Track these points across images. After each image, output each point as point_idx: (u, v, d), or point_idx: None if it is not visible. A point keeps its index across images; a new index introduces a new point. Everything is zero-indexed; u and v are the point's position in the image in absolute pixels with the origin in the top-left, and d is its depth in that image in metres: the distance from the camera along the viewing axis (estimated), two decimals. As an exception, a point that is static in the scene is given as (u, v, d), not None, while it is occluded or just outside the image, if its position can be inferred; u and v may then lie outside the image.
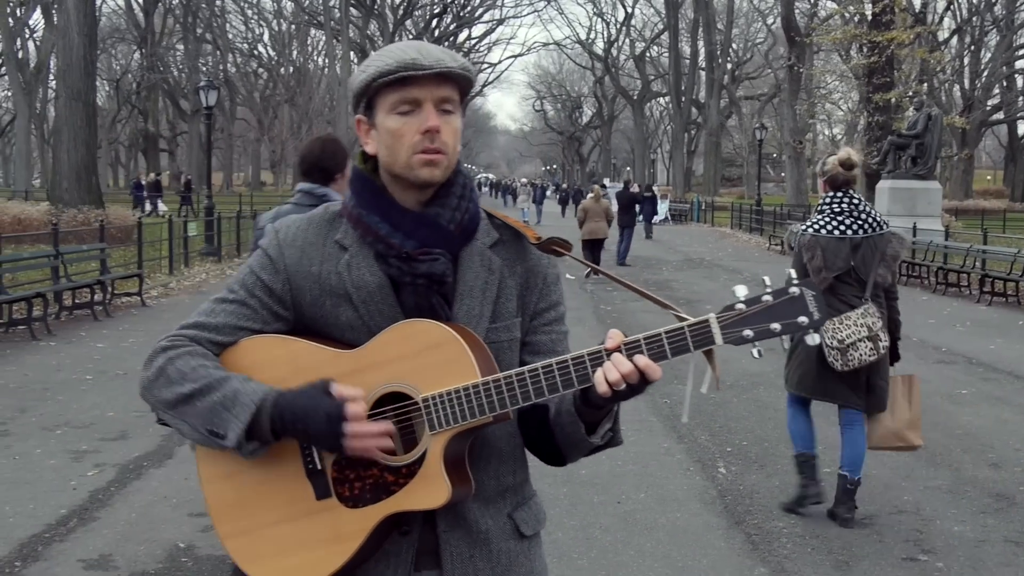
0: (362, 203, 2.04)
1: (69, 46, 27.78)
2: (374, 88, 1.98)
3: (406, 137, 1.96)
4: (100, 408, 8.90)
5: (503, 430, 2.06)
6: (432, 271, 1.98)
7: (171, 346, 1.99)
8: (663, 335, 1.83)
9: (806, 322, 1.82)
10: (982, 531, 6.06)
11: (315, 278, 2.02)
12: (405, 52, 1.96)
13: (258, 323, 2.02)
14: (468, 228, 2.06)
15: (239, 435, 1.89)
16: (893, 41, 37.40)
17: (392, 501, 1.92)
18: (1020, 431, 8.51)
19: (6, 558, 5.42)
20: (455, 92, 2.01)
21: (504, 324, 2.06)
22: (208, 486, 2.04)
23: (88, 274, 16.26)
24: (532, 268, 2.11)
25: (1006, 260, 19.40)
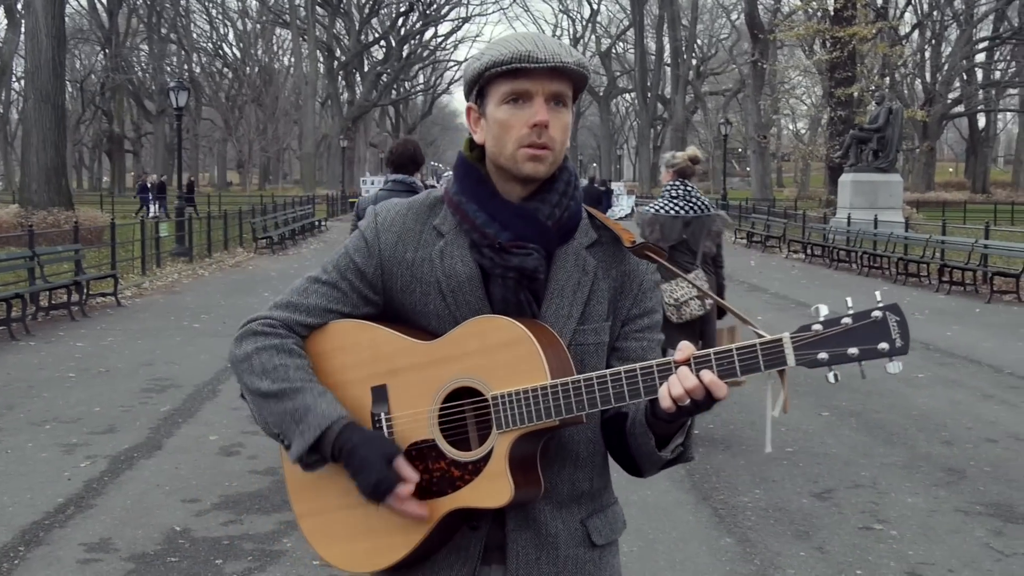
0: (463, 190, 2.02)
1: (37, 48, 27.79)
2: (487, 77, 1.95)
3: (514, 129, 1.94)
4: (86, 404, 9.13)
5: (581, 434, 2.03)
6: (524, 265, 1.95)
7: (262, 332, 2.02)
8: (734, 351, 1.76)
9: (887, 348, 1.72)
10: (934, 502, 6.44)
11: (408, 264, 2.02)
12: (521, 43, 1.92)
13: (348, 306, 2.04)
14: (567, 226, 2.02)
15: (300, 453, 1.92)
16: (855, 36, 37.99)
17: (457, 496, 1.92)
18: (972, 411, 8.91)
19: (9, 543, 5.68)
20: (568, 87, 1.97)
21: (592, 327, 2.01)
22: (288, 465, 2.06)
23: (63, 275, 16.41)
24: (629, 272, 2.07)
25: (964, 250, 19.90)
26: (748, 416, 8.58)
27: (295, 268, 23.32)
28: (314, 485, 2.03)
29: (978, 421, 8.55)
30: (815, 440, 7.91)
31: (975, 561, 5.45)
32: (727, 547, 5.63)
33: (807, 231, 29.21)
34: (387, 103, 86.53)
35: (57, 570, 5.31)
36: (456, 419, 1.95)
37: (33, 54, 28.25)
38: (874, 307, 1.73)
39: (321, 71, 77.36)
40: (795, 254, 28.33)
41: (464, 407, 1.94)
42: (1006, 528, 5.97)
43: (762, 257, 28.17)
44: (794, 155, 57.60)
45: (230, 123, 78.70)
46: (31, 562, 5.41)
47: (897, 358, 1.73)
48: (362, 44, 78.00)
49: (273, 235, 30.06)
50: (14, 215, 26.47)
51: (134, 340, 12.78)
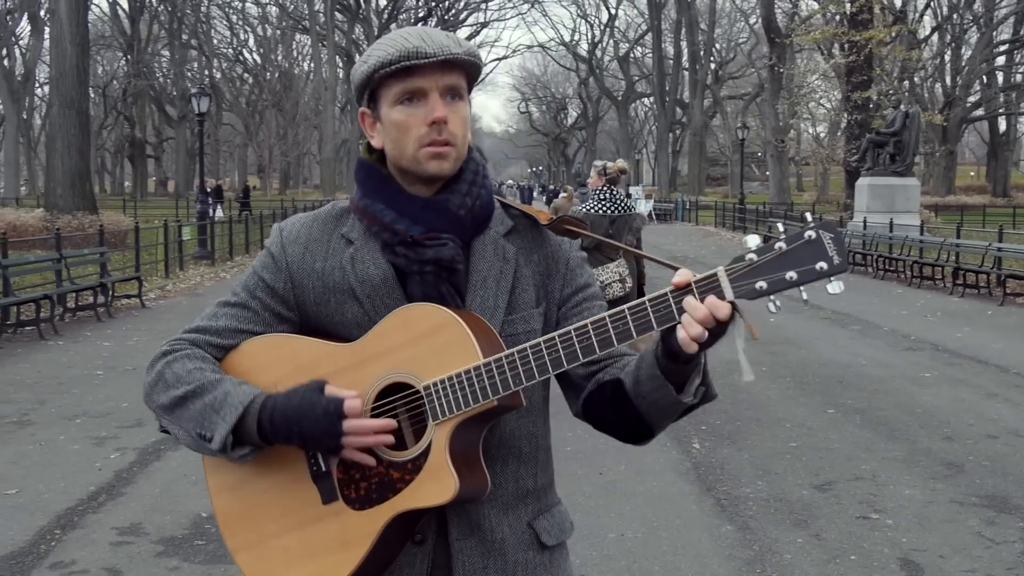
0: (367, 192, 1.95)
1: (62, 55, 28.24)
2: (376, 79, 1.88)
3: (412, 129, 1.87)
4: (114, 400, 9.44)
5: (522, 429, 1.97)
6: (440, 256, 1.88)
7: (171, 350, 1.95)
8: (669, 294, 1.70)
9: (825, 268, 1.64)
10: (931, 494, 6.67)
11: (318, 275, 1.95)
12: (407, 40, 1.85)
13: (260, 326, 1.96)
14: (480, 215, 1.96)
15: (224, 437, 1.82)
16: (871, 40, 38.08)
17: (399, 499, 1.82)
18: (975, 408, 9.13)
19: (46, 527, 5.99)
20: (462, 79, 1.91)
21: (521, 315, 1.95)
22: (216, 498, 2.00)
23: (88, 277, 16.78)
24: (552, 255, 2.02)
25: (978, 253, 20.05)
26: (755, 413, 8.82)
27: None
28: (248, 515, 1.95)
29: (980, 418, 8.76)
30: (819, 436, 8.14)
31: (966, 548, 5.69)
32: (727, 534, 5.88)
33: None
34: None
35: (92, 551, 5.61)
36: (394, 419, 1.86)
37: (58, 61, 28.70)
38: (806, 227, 1.66)
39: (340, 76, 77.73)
40: (811, 258, 28.42)
41: (396, 404, 1.85)
42: (999, 518, 6.20)
43: (778, 260, 28.28)
44: (813, 159, 57.69)
45: (250, 128, 79.30)
46: (67, 544, 5.72)
47: (837, 277, 1.65)
48: (382, 49, 78.42)
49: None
50: (39, 219, 26.93)
51: (159, 340, 12.90)
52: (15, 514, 6.23)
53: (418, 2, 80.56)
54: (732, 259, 1.69)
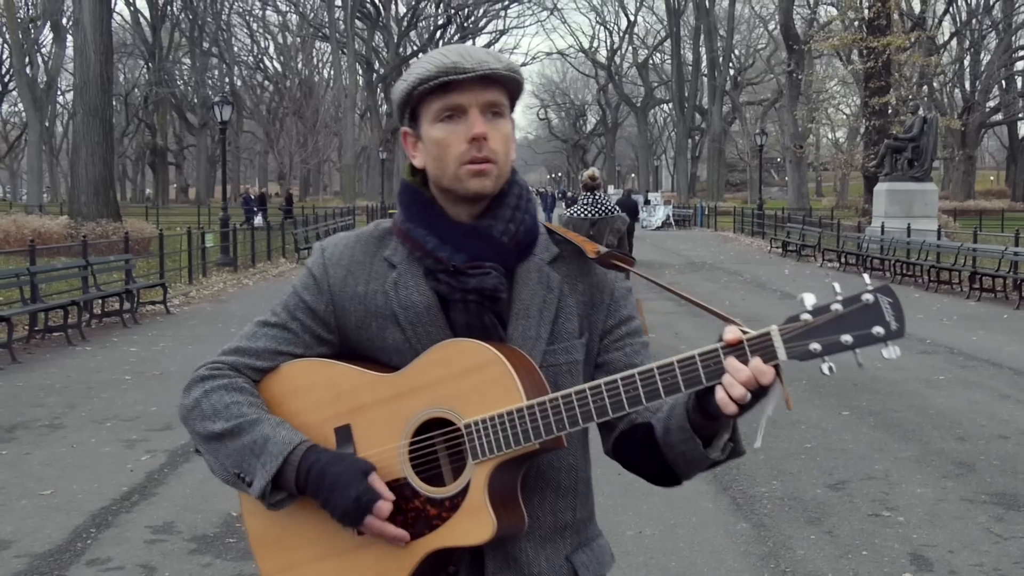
0: (410, 216, 1.93)
1: (86, 64, 28.60)
2: (416, 97, 1.87)
3: (452, 147, 1.84)
4: (143, 404, 9.67)
5: (562, 461, 1.93)
6: (483, 285, 1.85)
7: (209, 376, 1.93)
8: (719, 350, 1.68)
9: (882, 333, 1.61)
10: (942, 492, 6.82)
11: (360, 299, 1.93)
12: (446, 56, 1.84)
13: (300, 347, 1.94)
14: (524, 242, 1.93)
15: (264, 486, 1.81)
16: (889, 46, 38.15)
17: (435, 536, 1.81)
18: (988, 409, 9.25)
19: (82, 526, 6.20)
20: (503, 95, 1.88)
21: (563, 346, 1.91)
22: (250, 520, 1.98)
23: (113, 284, 17.05)
24: (597, 284, 1.98)
25: (995, 257, 20.12)
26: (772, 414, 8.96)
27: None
28: (282, 538, 1.93)
29: (992, 419, 8.89)
30: (833, 437, 8.29)
31: (974, 544, 5.83)
32: (743, 531, 6.05)
33: (842, 240, 29.40)
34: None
35: (127, 549, 5.82)
36: (428, 454, 1.84)
37: (82, 70, 29.06)
38: (864, 290, 1.63)
39: (360, 84, 78.26)
40: (829, 263, 28.55)
41: (435, 440, 1.84)
42: (1007, 515, 6.35)
43: (796, 266, 28.42)
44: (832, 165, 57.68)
45: (271, 135, 79.76)
46: (103, 542, 5.93)
47: (893, 342, 1.62)
48: (400, 57, 78.75)
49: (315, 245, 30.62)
50: (64, 226, 27.26)
51: (184, 346, 13.34)
52: (51, 513, 6.45)
53: (437, 10, 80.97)
54: (786, 319, 1.65)
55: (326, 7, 74.25)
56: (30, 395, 10.14)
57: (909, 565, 5.52)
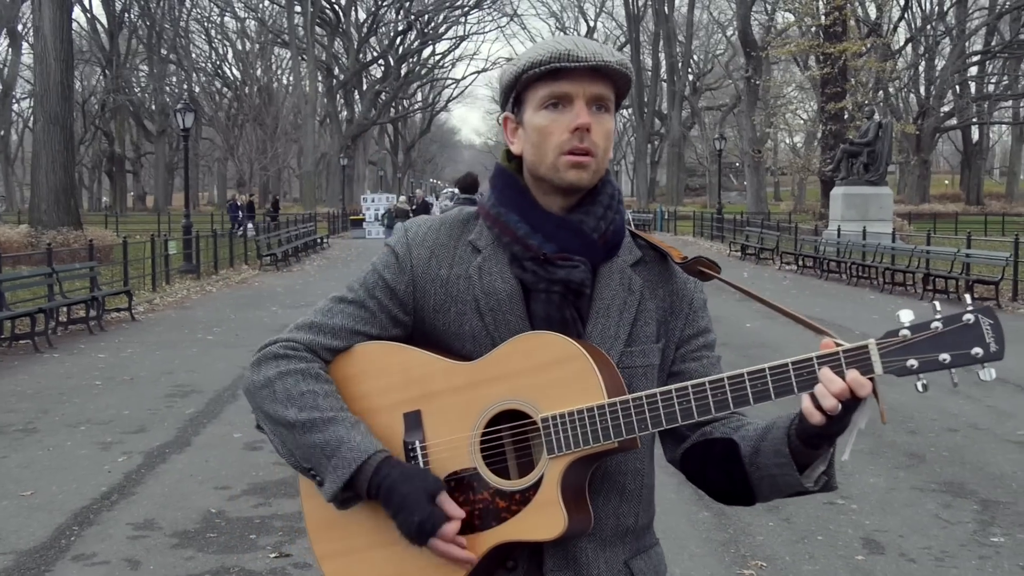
0: (502, 201, 1.91)
1: (46, 72, 28.56)
2: (524, 81, 1.85)
3: (554, 135, 1.82)
4: (115, 408, 9.81)
5: (628, 465, 1.91)
6: (571, 277, 1.83)
7: (284, 355, 1.89)
8: (814, 360, 1.67)
9: (980, 354, 1.61)
10: (893, 481, 7.13)
11: (442, 282, 1.90)
12: (560, 44, 1.81)
13: (376, 327, 1.91)
14: (612, 241, 1.91)
15: (335, 491, 1.79)
16: (845, 52, 38.78)
17: (502, 529, 1.78)
18: (939, 405, 9.60)
19: (65, 524, 6.37)
20: (610, 90, 1.86)
21: (640, 348, 1.90)
22: (308, 501, 1.94)
23: (78, 292, 17.10)
24: (677, 292, 1.97)
25: (948, 259, 20.62)
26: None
27: (300, 284, 24.08)
28: (340, 523, 1.90)
29: (943, 414, 9.24)
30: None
31: (923, 528, 6.15)
32: (704, 519, 6.32)
33: (799, 243, 29.89)
34: (386, 121, 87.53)
35: (110, 544, 5.99)
36: (496, 446, 1.82)
37: (42, 77, 29.03)
38: (965, 310, 1.62)
39: (320, 90, 78.20)
40: (787, 266, 29.05)
41: (505, 432, 1.82)
42: (955, 502, 6.67)
43: (755, 268, 28.88)
44: (789, 169, 58.39)
45: (230, 142, 79.51)
46: (86, 538, 6.11)
47: (990, 364, 1.61)
48: (361, 63, 78.85)
49: (277, 252, 30.75)
50: (24, 235, 27.18)
51: (152, 351, 13.45)
52: (33, 513, 6.61)
53: (398, 16, 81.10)
54: (885, 333, 1.65)
55: (285, 13, 74.17)
56: (2, 401, 10.25)
57: (862, 548, 5.82)
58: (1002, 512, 6.49)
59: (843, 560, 5.65)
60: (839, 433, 1.70)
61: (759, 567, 5.56)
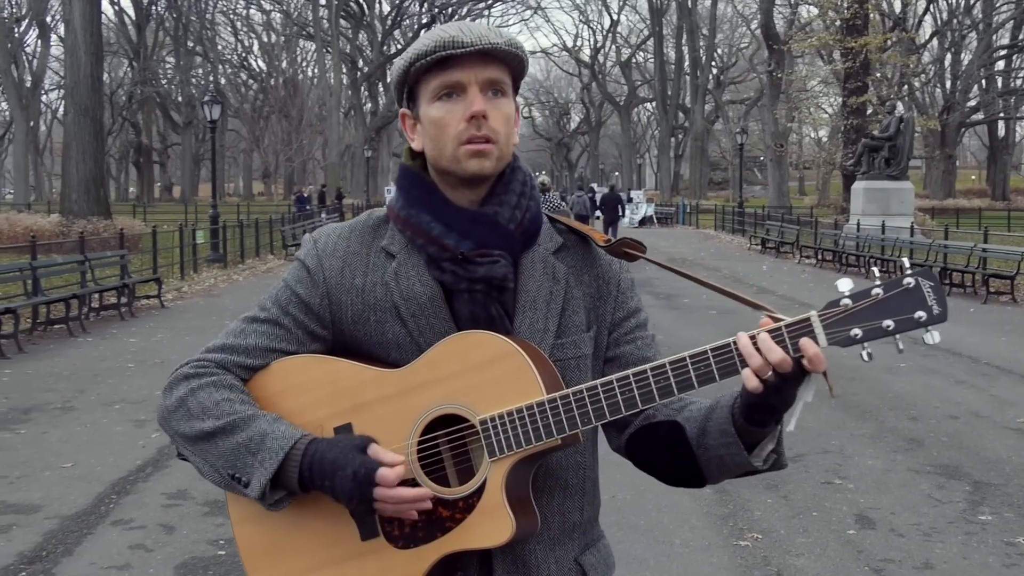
0: (411, 202, 1.83)
1: (76, 64, 29.08)
2: (414, 74, 1.79)
3: (451, 126, 1.76)
4: (147, 389, 10.22)
5: (569, 460, 1.87)
6: (492, 274, 1.77)
7: (194, 374, 1.81)
8: (758, 336, 1.63)
9: (924, 317, 1.58)
10: (891, 464, 7.45)
11: (358, 291, 1.83)
12: (445, 31, 1.75)
13: (292, 344, 1.84)
14: (529, 230, 1.85)
15: (263, 485, 1.70)
16: (867, 46, 38.87)
17: (448, 540, 1.72)
18: (943, 394, 9.90)
19: (104, 493, 6.79)
20: (505, 73, 1.80)
21: (571, 339, 1.84)
22: (239, 528, 1.86)
23: (109, 279, 17.58)
24: (603, 275, 1.91)
25: (965, 254, 20.82)
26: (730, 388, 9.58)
27: (325, 273, 24.48)
28: (274, 547, 1.82)
29: (946, 402, 9.53)
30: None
31: (915, 507, 6.47)
32: (706, 495, 6.65)
33: (819, 237, 30.07)
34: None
35: (146, 511, 6.40)
36: (435, 454, 1.76)
37: (72, 70, 29.55)
38: (905, 274, 1.60)
39: (345, 82, 78.65)
40: (807, 259, 29.24)
41: (442, 438, 1.76)
42: (948, 483, 6.99)
43: (775, 262, 29.09)
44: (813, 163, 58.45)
45: (255, 134, 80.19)
46: (124, 505, 6.52)
47: (935, 327, 1.59)
48: (385, 56, 79.24)
49: (302, 242, 31.15)
50: (56, 224, 27.74)
51: (181, 337, 13.88)
52: (74, 483, 7.03)
53: (421, 8, 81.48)
54: (826, 303, 1.63)
55: (310, 6, 74.68)
56: (40, 381, 10.70)
57: (854, 524, 6.15)
58: (992, 493, 6.80)
59: (835, 534, 5.98)
60: (784, 409, 1.68)
61: (755, 539, 5.90)
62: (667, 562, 5.57)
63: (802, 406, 1.69)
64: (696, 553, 5.67)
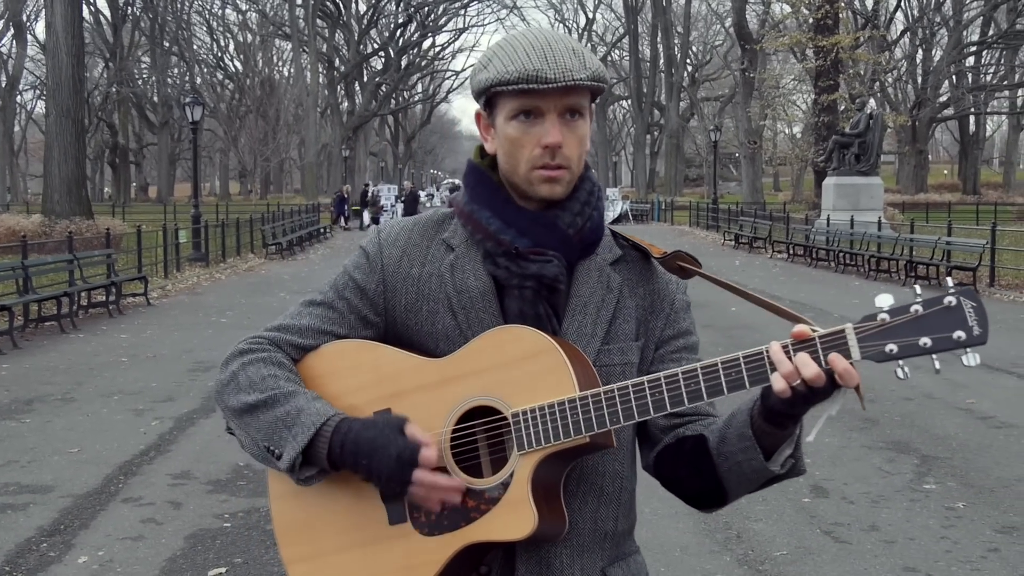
0: (475, 198, 1.88)
1: (58, 66, 29.38)
2: (493, 91, 1.80)
3: (526, 149, 1.79)
4: (143, 381, 10.67)
5: (606, 467, 1.85)
6: (543, 272, 1.79)
7: (248, 349, 1.88)
8: (790, 346, 1.63)
9: (963, 338, 1.55)
10: (846, 441, 8.01)
11: (414, 280, 1.87)
12: (529, 59, 1.74)
13: (344, 328, 1.88)
14: (589, 238, 1.87)
15: (293, 457, 1.73)
16: (836, 45, 39.57)
17: (471, 530, 1.74)
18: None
19: (112, 474, 7.25)
20: (584, 98, 1.81)
21: (618, 347, 1.86)
22: (275, 503, 1.91)
23: (96, 278, 17.97)
24: (659, 292, 1.93)
25: (930, 247, 21.47)
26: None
27: (305, 271, 24.96)
28: (308, 525, 1.86)
29: (902, 386, 10.07)
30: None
31: (866, 478, 7.02)
32: (674, 470, 7.17)
33: (790, 232, 30.70)
34: (386, 112, 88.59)
35: (154, 490, 6.88)
36: (469, 444, 1.78)
37: (54, 72, 29.84)
38: (947, 292, 1.56)
39: (322, 82, 78.93)
40: (779, 254, 29.87)
41: (478, 429, 1.78)
42: (898, 457, 7.55)
43: (747, 257, 29.72)
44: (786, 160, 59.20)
45: (232, 133, 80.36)
46: (132, 485, 6.99)
47: (973, 349, 1.55)
48: (361, 55, 79.67)
49: (282, 241, 31.63)
50: (38, 224, 28.03)
51: (170, 332, 14.31)
52: (82, 466, 7.49)
53: (398, 8, 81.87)
54: (863, 317, 1.61)
55: (286, 5, 74.97)
56: (38, 375, 11.14)
57: (809, 493, 6.70)
58: (938, 465, 7.36)
59: (791, 502, 6.52)
60: (804, 412, 1.68)
61: (718, 507, 6.42)
62: (637, 527, 6.06)
63: (825, 418, 1.67)
64: (664, 519, 6.19)
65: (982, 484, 6.91)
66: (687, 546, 5.82)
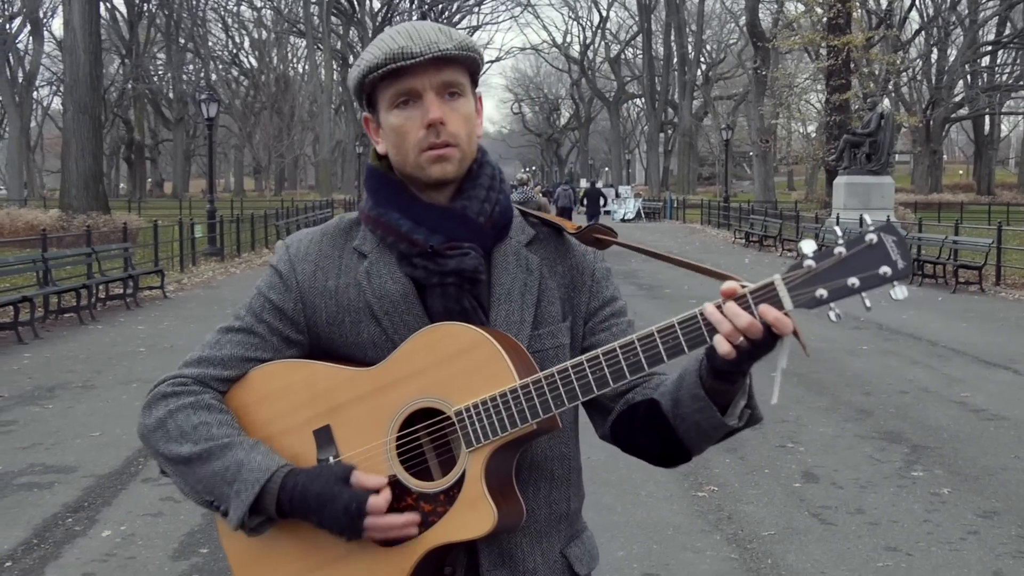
0: (380, 202, 1.85)
1: (76, 63, 29.75)
2: (369, 84, 1.79)
3: (410, 133, 1.77)
4: (161, 370, 10.78)
5: (555, 451, 1.88)
6: (463, 266, 1.78)
7: (173, 392, 1.83)
8: (723, 303, 1.61)
9: (889, 272, 1.54)
10: (840, 431, 8.27)
11: (331, 294, 1.84)
12: (394, 40, 1.74)
13: (268, 352, 1.85)
14: (500, 223, 1.86)
15: (241, 516, 1.72)
16: (848, 44, 39.72)
17: (431, 534, 1.73)
18: (898, 372, 10.71)
19: (132, 456, 7.59)
20: (460, 74, 1.79)
21: (548, 330, 1.85)
22: (227, 541, 1.87)
23: (113, 271, 18.32)
24: (577, 266, 1.92)
25: (937, 245, 21.66)
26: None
27: (320, 266, 25.25)
28: (263, 556, 1.83)
29: (899, 380, 10.35)
30: (757, 393, 9.68)
31: (856, 465, 7.28)
32: (671, 456, 7.45)
33: (801, 230, 30.86)
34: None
35: (172, 471, 7.17)
36: (415, 448, 1.76)
37: (72, 68, 30.22)
38: (867, 230, 1.56)
39: (336, 78, 79.30)
40: (789, 252, 30.04)
41: (421, 433, 1.76)
42: (889, 447, 7.80)
43: (757, 255, 29.93)
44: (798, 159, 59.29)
45: (246, 130, 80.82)
46: (152, 466, 7.29)
47: (900, 282, 1.55)
48: (376, 52, 79.91)
49: (296, 237, 31.91)
50: (56, 219, 28.43)
51: (187, 324, 14.64)
52: (104, 448, 7.82)
53: (412, 5, 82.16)
54: (789, 267, 1.59)
55: (301, 3, 75.37)
56: (59, 363, 11.48)
57: (800, 479, 6.97)
58: (927, 454, 7.62)
59: (783, 487, 6.79)
60: (751, 366, 1.66)
61: (711, 491, 6.71)
62: (633, 509, 6.37)
63: (781, 374, 1.64)
64: (659, 502, 6.47)
65: (968, 472, 7.17)
66: (679, 525, 6.10)
